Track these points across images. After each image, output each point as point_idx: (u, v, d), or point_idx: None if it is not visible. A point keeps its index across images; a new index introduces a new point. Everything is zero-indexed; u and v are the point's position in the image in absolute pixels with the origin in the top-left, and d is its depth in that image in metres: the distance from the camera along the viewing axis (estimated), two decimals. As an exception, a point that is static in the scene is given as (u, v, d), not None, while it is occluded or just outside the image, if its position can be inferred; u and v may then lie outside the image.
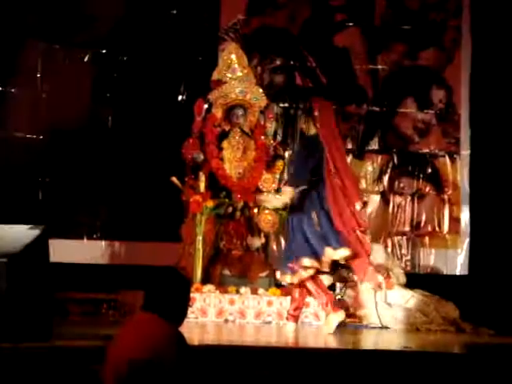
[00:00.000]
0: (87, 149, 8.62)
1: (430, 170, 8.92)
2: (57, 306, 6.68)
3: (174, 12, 8.76)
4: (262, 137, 7.75)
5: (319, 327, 6.89)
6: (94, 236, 8.62)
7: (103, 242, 8.62)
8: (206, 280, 7.22)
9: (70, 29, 8.62)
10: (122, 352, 3.63)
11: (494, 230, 8.59)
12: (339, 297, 7.23)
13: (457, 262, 8.76)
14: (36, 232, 4.82)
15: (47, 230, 4.87)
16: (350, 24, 8.99)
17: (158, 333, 3.67)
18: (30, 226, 4.85)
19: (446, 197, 8.88)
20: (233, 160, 7.63)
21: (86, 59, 8.71)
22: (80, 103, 8.64)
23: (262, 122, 7.82)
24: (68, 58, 8.66)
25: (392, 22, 8.97)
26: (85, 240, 8.61)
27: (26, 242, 4.74)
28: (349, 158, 8.91)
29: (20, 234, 4.81)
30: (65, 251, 7.90)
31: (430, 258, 8.79)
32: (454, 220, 8.84)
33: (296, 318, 6.74)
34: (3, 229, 4.94)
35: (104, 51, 8.71)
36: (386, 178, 8.94)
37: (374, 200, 8.90)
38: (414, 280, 7.56)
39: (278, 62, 8.96)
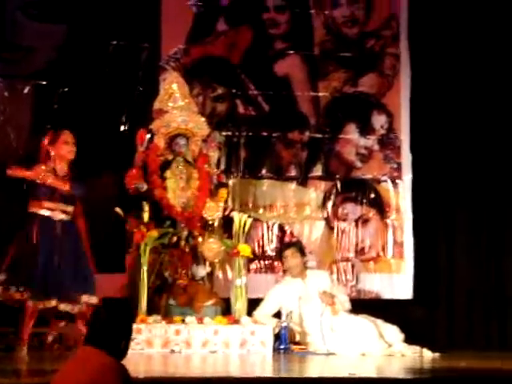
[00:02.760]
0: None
1: (373, 195, 8.96)
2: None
3: (114, 42, 8.74)
4: (205, 165, 7.74)
5: (266, 355, 6.89)
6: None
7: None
8: (151, 311, 7.16)
9: (9, 60, 8.55)
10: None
11: (437, 253, 8.69)
12: (285, 324, 7.21)
13: (401, 286, 8.80)
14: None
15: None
16: (291, 52, 9.06)
17: (100, 367, 3.62)
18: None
19: (389, 221, 8.93)
20: (176, 189, 7.59)
21: (25, 91, 8.63)
22: (20, 135, 8.56)
23: (205, 151, 7.82)
24: (7, 90, 8.58)
25: (331, 50, 9.06)
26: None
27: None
28: (293, 185, 8.94)
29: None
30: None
31: (374, 282, 8.82)
32: (398, 244, 8.88)
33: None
34: None
35: (44, 83, 8.64)
36: (329, 204, 8.96)
37: (319, 227, 8.93)
38: (359, 305, 7.59)
39: (219, 91, 8.98)
